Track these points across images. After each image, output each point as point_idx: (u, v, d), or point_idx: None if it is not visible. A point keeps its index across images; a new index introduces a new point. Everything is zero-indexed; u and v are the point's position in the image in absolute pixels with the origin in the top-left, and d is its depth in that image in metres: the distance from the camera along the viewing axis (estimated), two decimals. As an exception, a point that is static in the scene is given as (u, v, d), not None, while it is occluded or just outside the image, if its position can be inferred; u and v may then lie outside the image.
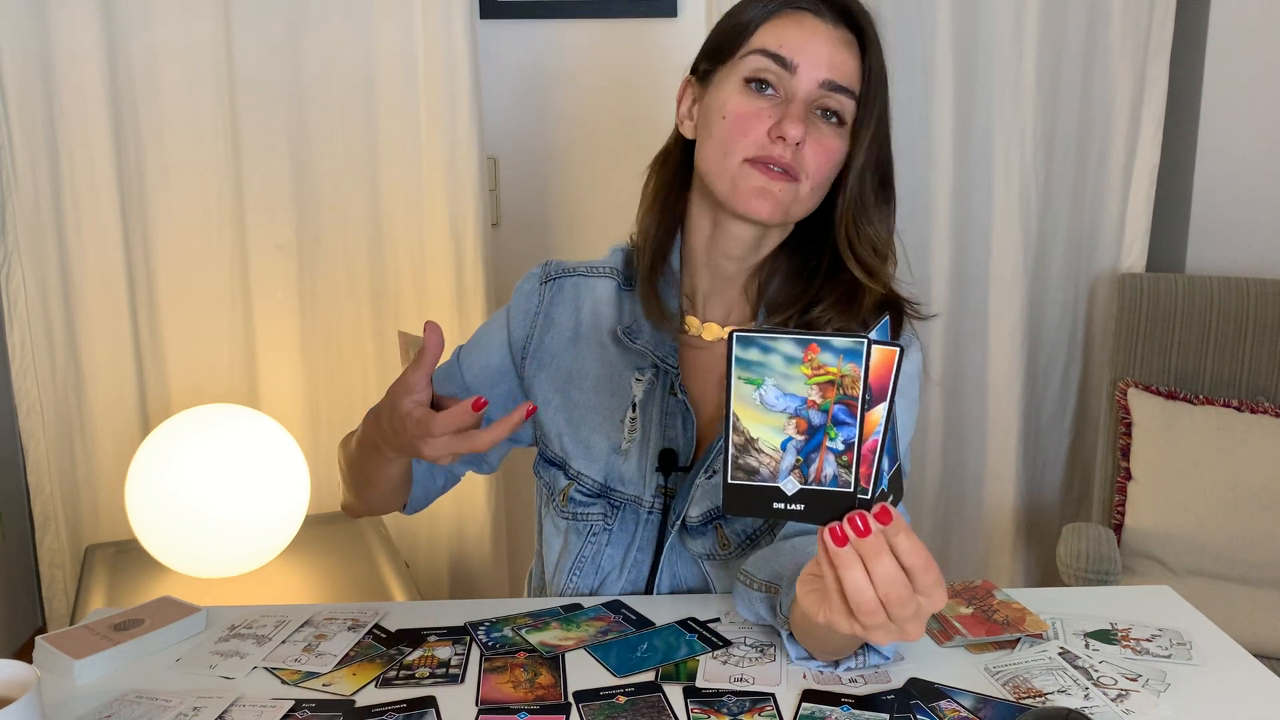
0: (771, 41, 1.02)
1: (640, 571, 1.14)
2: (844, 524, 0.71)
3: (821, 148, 1.02)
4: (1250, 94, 2.21)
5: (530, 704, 0.91)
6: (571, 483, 1.15)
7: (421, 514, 2.23)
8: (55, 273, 2.00)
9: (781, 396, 0.68)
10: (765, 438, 0.69)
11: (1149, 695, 0.92)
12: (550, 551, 1.18)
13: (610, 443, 1.13)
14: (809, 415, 0.68)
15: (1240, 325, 2.08)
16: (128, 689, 0.94)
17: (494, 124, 2.24)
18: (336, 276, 2.13)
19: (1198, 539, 1.91)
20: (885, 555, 0.71)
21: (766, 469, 0.70)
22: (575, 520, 1.15)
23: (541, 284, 1.19)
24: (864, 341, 0.66)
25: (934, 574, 0.74)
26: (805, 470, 0.69)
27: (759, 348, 0.68)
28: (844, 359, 0.67)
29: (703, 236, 1.11)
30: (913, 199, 2.25)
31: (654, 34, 2.22)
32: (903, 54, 2.18)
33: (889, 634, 0.75)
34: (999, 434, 2.34)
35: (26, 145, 1.94)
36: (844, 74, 1.03)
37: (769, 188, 1.02)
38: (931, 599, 0.74)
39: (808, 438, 0.69)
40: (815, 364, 0.67)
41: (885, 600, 0.72)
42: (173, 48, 1.97)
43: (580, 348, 1.16)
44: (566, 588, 1.16)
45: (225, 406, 1.85)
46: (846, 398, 0.67)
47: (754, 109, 1.02)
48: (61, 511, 2.07)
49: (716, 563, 1.11)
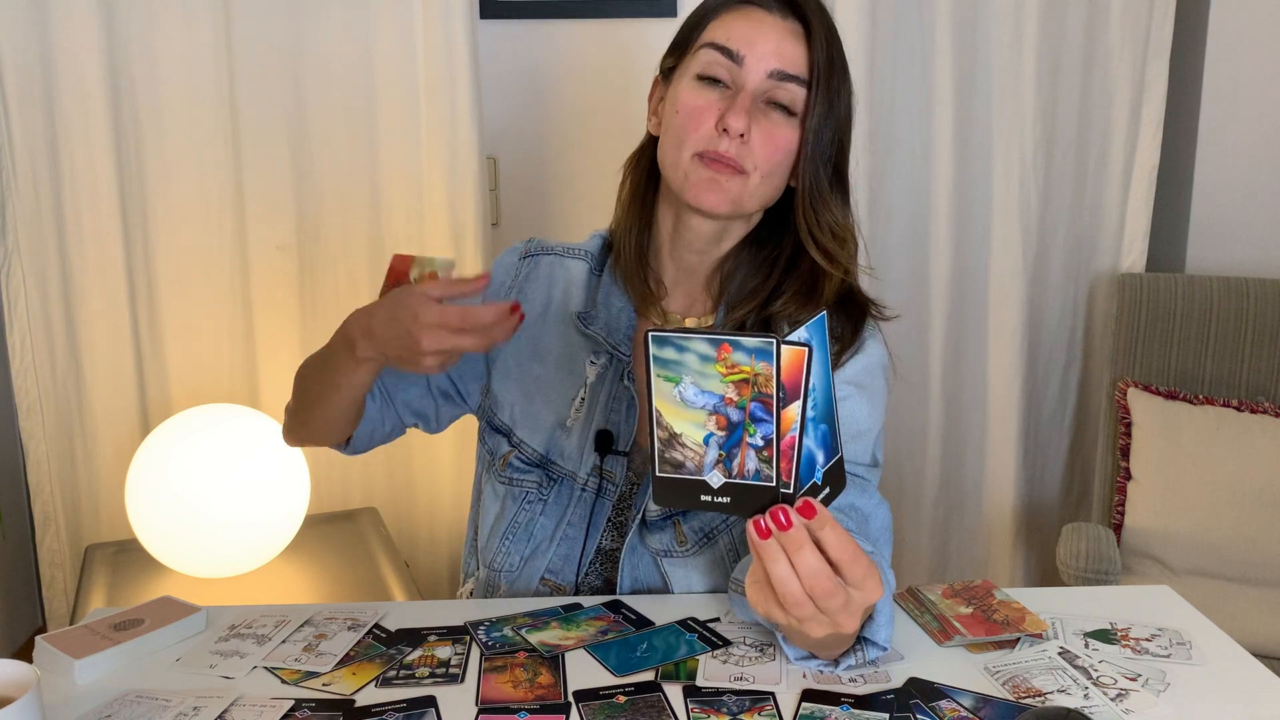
0: (720, 35, 1.04)
1: (572, 546, 1.15)
2: (766, 517, 0.72)
3: (770, 138, 1.03)
4: (1250, 94, 2.21)
5: (530, 704, 0.91)
6: (513, 450, 1.17)
7: (421, 514, 2.26)
8: (55, 273, 2.00)
9: (700, 394, 0.70)
10: (688, 433, 0.71)
11: (1149, 695, 0.92)
12: (486, 517, 1.20)
13: (557, 418, 1.15)
14: (727, 412, 0.70)
15: (1240, 325, 2.08)
16: (128, 689, 0.94)
17: (494, 124, 2.24)
18: (336, 276, 2.13)
19: (1198, 539, 1.91)
20: (807, 548, 0.72)
21: (691, 463, 0.71)
22: (512, 485, 1.17)
23: (520, 259, 1.22)
24: (773, 341, 0.68)
25: (863, 566, 0.74)
26: (729, 464, 0.71)
27: (674, 347, 0.69)
28: (756, 358, 0.68)
29: (667, 230, 1.14)
30: (913, 199, 2.25)
31: (654, 34, 2.22)
32: (903, 54, 2.18)
33: (821, 625, 0.75)
34: (999, 434, 2.34)
35: (26, 145, 1.94)
36: (792, 64, 1.03)
37: (717, 179, 1.03)
38: (863, 590, 0.75)
39: (728, 433, 0.70)
40: (729, 363, 0.69)
41: (811, 592, 0.73)
42: (173, 48, 1.97)
43: (547, 324, 1.18)
44: (499, 553, 1.17)
45: (225, 406, 1.85)
46: (762, 395, 0.69)
47: (704, 102, 1.04)
48: (61, 511, 2.08)
49: (674, 560, 1.11)
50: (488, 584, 1.19)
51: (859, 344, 1.10)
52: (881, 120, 2.19)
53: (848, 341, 1.10)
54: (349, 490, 2.22)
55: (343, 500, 2.21)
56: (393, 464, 2.23)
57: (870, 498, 1.07)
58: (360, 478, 2.22)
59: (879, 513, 1.07)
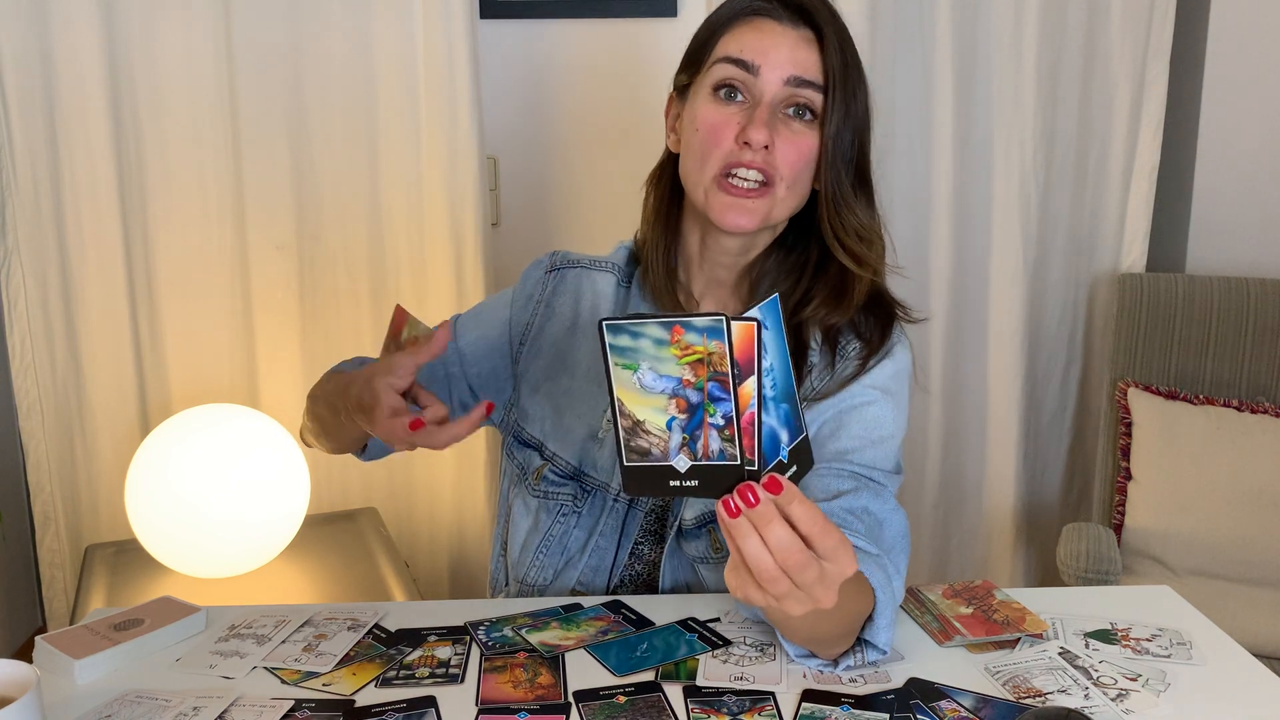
0: (733, 48, 1.05)
1: (602, 558, 1.15)
2: (734, 496, 0.72)
3: (793, 146, 1.04)
4: (1250, 94, 2.21)
5: (530, 704, 0.91)
6: (546, 463, 1.18)
7: (421, 514, 2.26)
8: (55, 273, 2.00)
9: (658, 379, 0.70)
10: (650, 419, 0.71)
11: (1149, 695, 0.92)
12: (518, 532, 1.20)
13: (589, 430, 1.16)
14: (686, 394, 0.70)
15: (1240, 325, 2.08)
16: (128, 689, 0.94)
17: (494, 124, 2.24)
18: (336, 276, 2.13)
19: (1198, 539, 1.91)
20: (777, 522, 0.72)
21: (657, 449, 0.72)
22: (547, 499, 1.17)
23: (546, 273, 1.22)
24: (722, 318, 0.68)
25: (834, 538, 0.74)
26: (693, 447, 0.71)
27: (628, 334, 0.69)
28: (707, 337, 0.68)
29: (694, 243, 1.14)
30: (913, 199, 2.25)
31: (654, 34, 2.22)
32: (903, 54, 2.18)
33: (799, 602, 0.75)
34: (999, 434, 2.34)
35: (26, 145, 1.94)
36: (807, 69, 1.04)
37: (742, 203, 1.03)
38: (836, 562, 0.75)
39: (689, 416, 0.70)
40: (683, 344, 0.69)
41: (785, 566, 0.73)
42: (173, 48, 1.97)
43: (576, 338, 1.18)
44: (531, 568, 1.17)
45: (225, 406, 1.85)
46: (718, 374, 0.69)
47: (722, 117, 1.04)
48: (61, 511, 2.07)
49: (710, 565, 1.12)
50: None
51: (887, 348, 1.10)
52: (881, 120, 2.19)
53: (875, 345, 1.09)
54: (349, 490, 2.22)
55: (343, 500, 2.21)
56: (393, 464, 2.23)
57: (886, 503, 1.06)
58: (360, 478, 2.22)
59: (894, 519, 1.05)
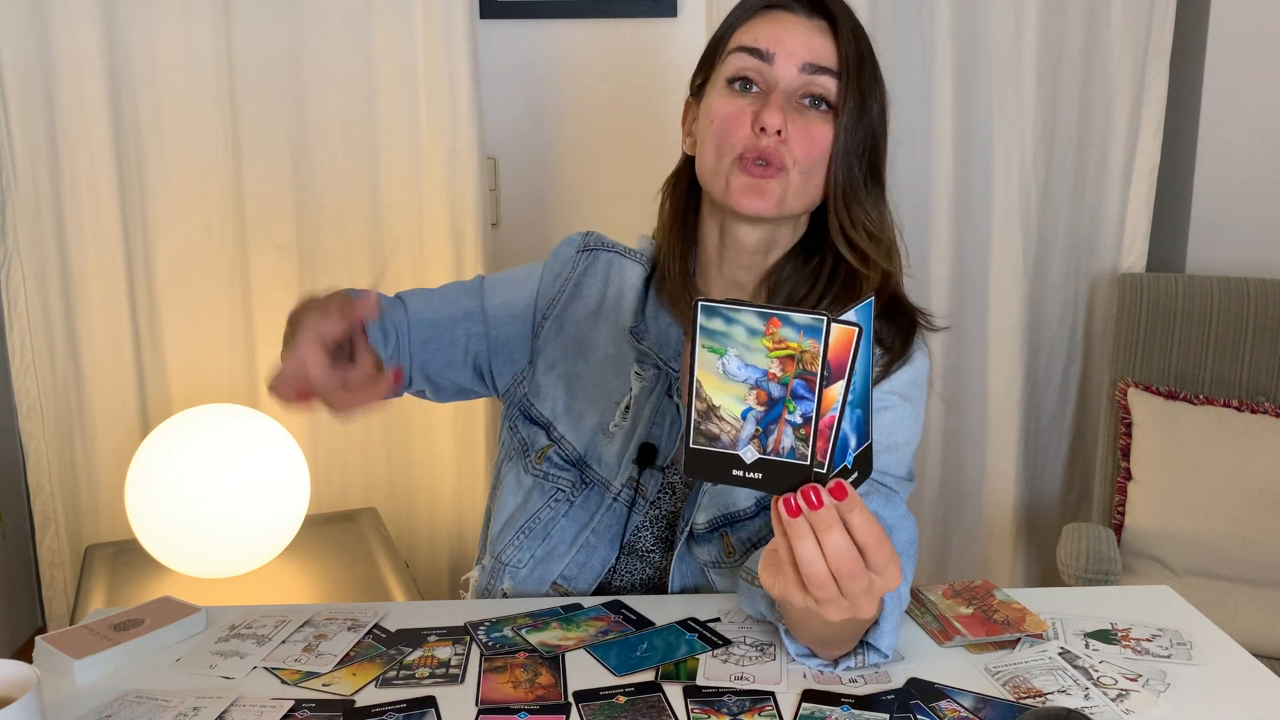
0: (747, 39, 1.05)
1: (590, 555, 1.13)
2: (798, 495, 0.72)
3: (807, 135, 1.03)
4: (1250, 94, 2.21)
5: (530, 704, 0.91)
6: (552, 444, 1.16)
7: (421, 514, 2.26)
8: (55, 273, 2.00)
9: (743, 367, 0.70)
10: (727, 406, 0.71)
11: (1149, 695, 0.92)
12: (504, 507, 1.18)
13: (601, 420, 1.14)
14: (769, 387, 0.70)
15: (1240, 325, 2.08)
16: (128, 689, 0.94)
17: (494, 124, 2.24)
18: (336, 277, 2.12)
19: (1198, 539, 1.91)
20: (837, 529, 0.72)
21: (727, 436, 0.71)
22: (544, 480, 1.15)
23: (579, 252, 1.21)
24: (823, 319, 0.68)
25: (887, 552, 0.74)
26: (764, 440, 0.71)
27: (723, 318, 0.69)
28: (804, 335, 0.68)
29: (713, 245, 1.13)
30: (913, 199, 2.25)
31: (654, 34, 2.22)
32: (903, 54, 2.18)
33: (840, 609, 0.75)
34: (999, 434, 2.34)
35: (26, 145, 1.94)
36: (822, 56, 1.03)
37: (759, 183, 1.03)
38: (884, 577, 0.75)
39: (767, 409, 0.70)
40: (776, 338, 0.69)
41: (836, 573, 0.73)
42: (173, 48, 1.97)
43: (599, 322, 1.17)
44: (510, 545, 1.15)
45: (225, 406, 1.85)
46: (806, 373, 0.69)
47: (738, 107, 1.04)
48: (61, 511, 2.07)
49: (722, 570, 1.11)
50: (492, 574, 1.17)
51: (908, 355, 1.09)
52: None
53: (898, 352, 1.09)
54: (349, 490, 2.22)
55: (343, 500, 2.21)
56: (393, 464, 2.23)
57: (897, 509, 1.05)
58: (360, 478, 2.22)
59: (904, 526, 1.04)
